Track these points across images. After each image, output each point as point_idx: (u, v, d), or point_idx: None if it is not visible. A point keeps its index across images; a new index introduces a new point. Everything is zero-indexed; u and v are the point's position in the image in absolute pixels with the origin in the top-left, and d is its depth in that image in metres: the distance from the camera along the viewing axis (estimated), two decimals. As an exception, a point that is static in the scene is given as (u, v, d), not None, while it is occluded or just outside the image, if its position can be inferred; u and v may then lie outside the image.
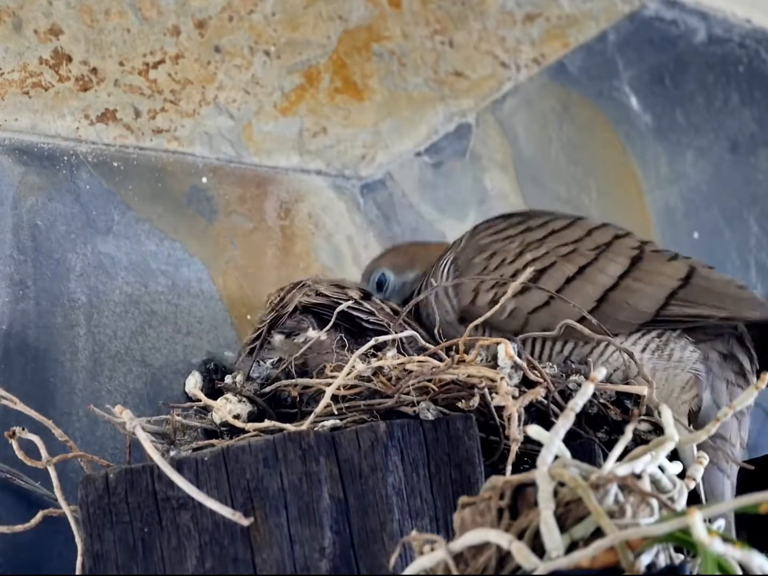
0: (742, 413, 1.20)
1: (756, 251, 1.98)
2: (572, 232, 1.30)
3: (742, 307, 1.20)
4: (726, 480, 1.17)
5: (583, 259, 1.26)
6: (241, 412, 1.16)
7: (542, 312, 1.23)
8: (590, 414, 1.17)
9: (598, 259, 1.25)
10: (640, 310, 1.21)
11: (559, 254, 1.27)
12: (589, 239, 1.28)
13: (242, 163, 1.54)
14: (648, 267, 1.24)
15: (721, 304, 1.20)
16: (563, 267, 1.25)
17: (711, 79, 1.99)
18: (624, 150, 1.89)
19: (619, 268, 1.24)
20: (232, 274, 1.50)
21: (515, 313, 1.24)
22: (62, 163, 1.40)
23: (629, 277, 1.23)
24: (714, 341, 1.22)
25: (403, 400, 1.10)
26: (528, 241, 1.29)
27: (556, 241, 1.29)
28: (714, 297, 1.21)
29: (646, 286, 1.22)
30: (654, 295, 1.21)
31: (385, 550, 1.01)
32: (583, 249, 1.27)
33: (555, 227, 1.31)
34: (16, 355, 1.30)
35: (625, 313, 1.21)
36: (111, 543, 1.03)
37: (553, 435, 0.85)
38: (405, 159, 1.68)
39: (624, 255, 1.25)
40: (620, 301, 1.22)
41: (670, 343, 1.21)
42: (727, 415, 0.97)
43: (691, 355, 1.21)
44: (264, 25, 1.56)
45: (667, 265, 1.25)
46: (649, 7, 1.92)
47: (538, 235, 1.30)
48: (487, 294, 1.26)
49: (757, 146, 2.02)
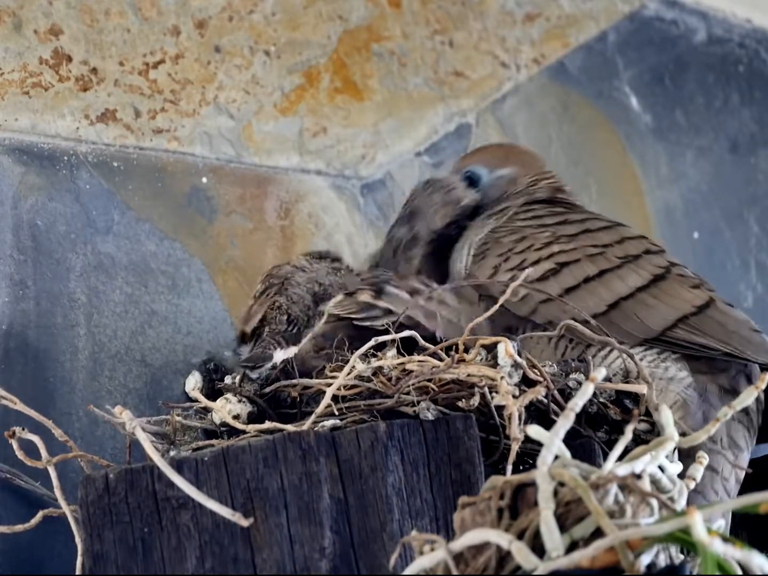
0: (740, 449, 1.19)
1: (756, 251, 1.98)
2: (606, 235, 1.30)
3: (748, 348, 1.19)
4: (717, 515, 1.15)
5: (607, 263, 1.25)
6: (240, 412, 1.16)
7: (552, 305, 1.23)
8: (590, 413, 1.17)
9: (621, 267, 1.25)
10: (647, 326, 1.21)
11: (585, 253, 1.26)
12: (619, 247, 1.28)
13: (242, 163, 1.54)
14: (668, 288, 1.24)
15: (727, 340, 1.19)
16: (585, 266, 1.25)
17: (711, 79, 1.99)
18: (624, 150, 1.89)
19: (639, 281, 1.24)
20: (232, 274, 1.50)
21: (527, 298, 1.23)
22: (62, 163, 1.40)
23: (646, 292, 1.23)
24: (717, 375, 1.21)
25: (403, 400, 1.10)
26: (560, 234, 1.29)
27: (587, 240, 1.28)
28: (723, 332, 1.20)
29: (660, 304, 1.22)
30: (664, 315, 1.21)
31: (385, 550, 1.01)
32: (611, 254, 1.26)
33: (591, 227, 1.31)
34: (16, 355, 1.30)
35: (632, 324, 1.21)
36: (111, 543, 1.03)
37: (553, 435, 0.85)
38: (405, 159, 1.68)
39: (648, 270, 1.25)
40: (630, 311, 1.22)
41: (667, 361, 1.21)
42: (727, 415, 0.97)
43: (684, 379, 1.20)
44: (264, 25, 1.56)
45: (687, 290, 1.24)
46: (649, 7, 1.92)
47: (572, 231, 1.30)
48: (505, 274, 1.26)
49: (757, 146, 2.02)
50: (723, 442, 1.18)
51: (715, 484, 1.17)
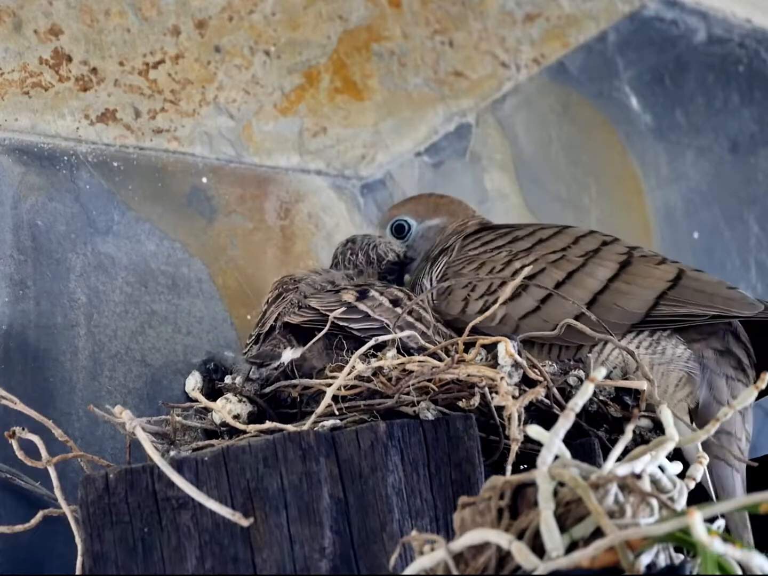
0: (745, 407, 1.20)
1: (756, 251, 1.98)
2: (559, 240, 1.31)
3: (732, 306, 1.21)
4: (736, 474, 1.18)
5: (572, 264, 1.27)
6: (241, 412, 1.16)
7: (533, 317, 1.24)
8: (590, 412, 1.18)
9: (586, 265, 1.26)
10: (631, 311, 1.22)
11: (547, 261, 1.28)
12: (577, 247, 1.30)
13: (242, 163, 1.54)
14: (637, 270, 1.25)
15: (711, 303, 1.21)
16: (552, 273, 1.26)
17: (711, 79, 1.99)
18: (624, 150, 1.89)
19: (608, 271, 1.25)
20: (232, 274, 1.50)
21: (506, 319, 1.24)
22: (62, 163, 1.40)
23: (618, 280, 1.24)
24: (708, 339, 1.23)
25: (403, 400, 1.10)
26: (516, 251, 1.31)
27: (543, 249, 1.30)
28: (704, 297, 1.22)
29: (635, 288, 1.23)
30: (643, 297, 1.22)
31: (385, 550, 1.01)
32: (571, 256, 1.28)
33: (542, 236, 1.32)
34: (16, 355, 1.30)
35: (616, 314, 1.21)
36: (111, 543, 1.03)
37: (553, 435, 0.85)
38: (405, 159, 1.68)
39: (612, 260, 1.27)
40: (610, 303, 1.23)
41: (661, 341, 1.22)
42: (728, 415, 0.97)
43: (682, 354, 1.22)
44: (264, 25, 1.56)
45: (655, 268, 1.26)
46: (649, 7, 1.92)
47: (526, 245, 1.31)
48: (477, 303, 1.27)
49: (757, 146, 2.02)
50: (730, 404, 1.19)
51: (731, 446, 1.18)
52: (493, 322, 1.23)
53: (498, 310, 1.22)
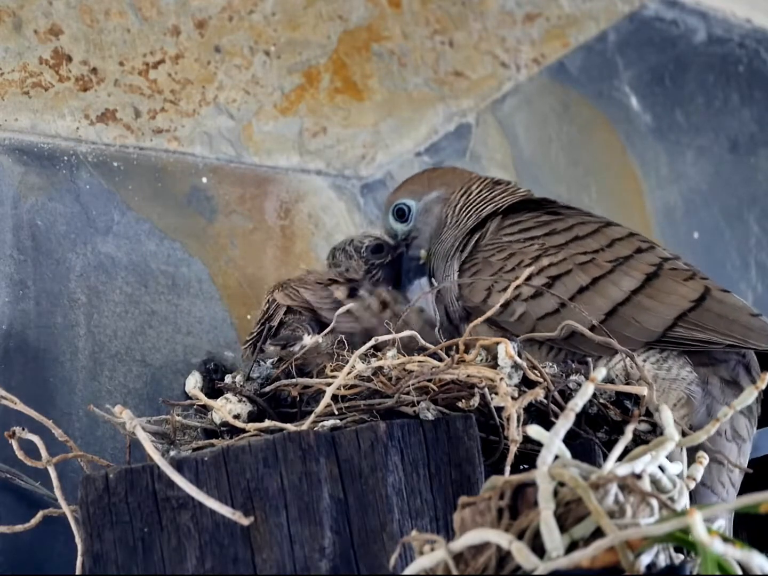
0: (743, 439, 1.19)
1: (756, 251, 1.98)
2: (595, 240, 1.29)
3: (750, 337, 1.18)
4: None
5: (599, 270, 1.24)
6: (241, 411, 1.16)
7: (551, 319, 1.22)
8: (590, 414, 1.17)
9: (613, 272, 1.24)
10: (648, 329, 1.20)
11: (576, 262, 1.25)
12: (609, 250, 1.27)
13: (242, 163, 1.54)
14: (662, 285, 1.23)
15: (729, 332, 1.18)
16: (577, 276, 1.24)
17: (711, 79, 1.99)
18: (624, 150, 1.89)
19: (633, 283, 1.23)
20: (232, 274, 1.50)
21: (524, 317, 1.23)
22: (62, 163, 1.40)
23: (641, 294, 1.22)
24: (717, 366, 1.21)
25: (403, 400, 1.10)
26: (548, 245, 1.28)
27: (576, 248, 1.27)
28: (723, 323, 1.19)
29: (657, 305, 1.21)
30: (663, 315, 1.20)
31: (385, 550, 1.01)
32: (601, 260, 1.25)
33: (579, 233, 1.30)
34: (16, 355, 1.30)
35: (633, 329, 1.20)
36: (111, 543, 1.03)
37: (553, 435, 0.85)
38: (405, 159, 1.68)
39: (640, 270, 1.24)
40: (629, 317, 1.20)
41: (669, 359, 1.20)
42: (727, 416, 0.97)
43: (687, 376, 1.20)
44: (264, 25, 1.56)
45: (681, 285, 1.23)
46: (649, 7, 1.92)
47: (560, 240, 1.29)
48: (499, 295, 1.25)
49: (757, 146, 2.02)
50: (727, 435, 1.18)
51: (721, 476, 1.17)
52: (511, 317, 1.22)
53: (517, 307, 1.21)
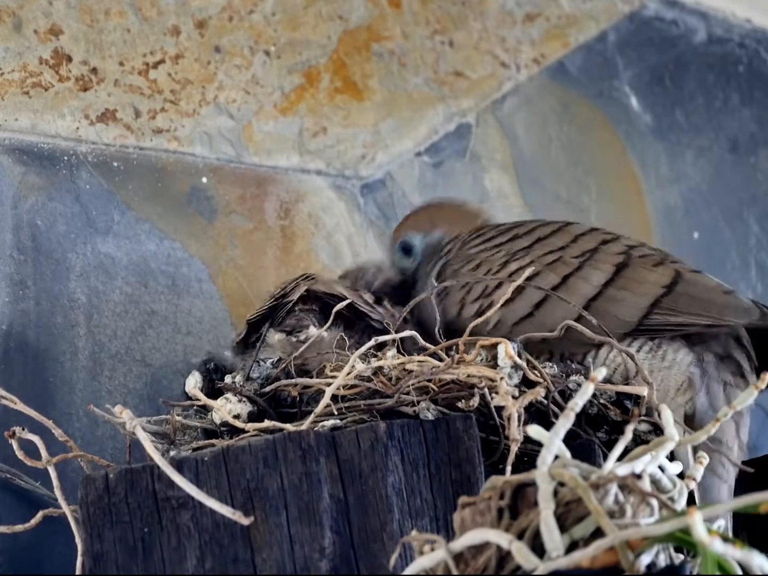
0: (740, 414, 1.19)
1: (756, 251, 1.98)
2: (559, 238, 1.28)
3: (726, 314, 1.18)
4: (723, 485, 1.16)
5: (567, 267, 1.24)
6: (241, 412, 1.16)
7: (526, 323, 1.22)
8: (590, 414, 1.17)
9: (581, 268, 1.24)
10: (623, 320, 1.20)
11: (543, 263, 1.25)
12: (575, 246, 1.27)
13: (242, 163, 1.54)
14: (632, 274, 1.22)
15: (705, 312, 1.18)
16: (547, 276, 1.24)
17: (711, 79, 1.99)
18: (624, 150, 1.89)
19: (603, 276, 1.22)
20: (232, 274, 1.50)
21: (499, 324, 1.23)
22: (62, 163, 1.40)
23: (613, 286, 1.22)
24: (709, 343, 1.21)
25: (403, 400, 1.10)
26: (514, 250, 1.28)
27: (542, 249, 1.27)
28: (698, 304, 1.19)
29: (629, 295, 1.21)
30: (637, 304, 1.20)
31: (385, 550, 1.01)
32: (568, 257, 1.25)
33: (542, 234, 1.30)
34: (16, 355, 1.30)
35: (608, 322, 1.19)
36: (111, 543, 1.03)
37: (553, 435, 0.85)
38: (405, 159, 1.68)
39: (608, 262, 1.24)
40: (603, 310, 1.20)
41: (663, 345, 1.20)
42: (728, 416, 0.97)
43: (684, 358, 1.20)
44: (264, 25, 1.56)
45: (651, 271, 1.22)
46: (649, 7, 1.92)
47: (525, 243, 1.29)
48: (473, 305, 1.25)
49: (757, 146, 2.02)
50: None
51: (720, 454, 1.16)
52: (487, 327, 1.22)
53: (492, 315, 1.21)
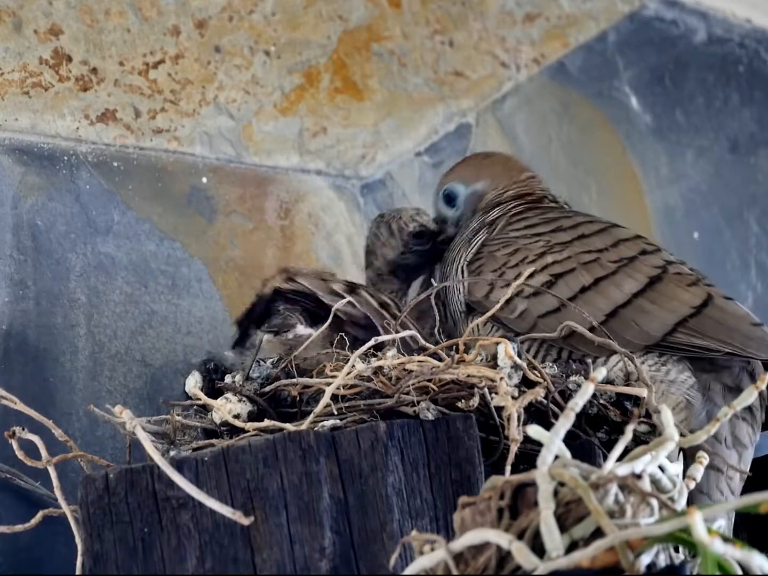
0: (744, 446, 1.19)
1: (756, 251, 1.98)
2: (600, 239, 1.28)
3: (750, 346, 1.18)
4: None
5: (602, 270, 1.24)
6: (241, 411, 1.16)
7: (552, 318, 1.21)
8: (590, 414, 1.17)
9: (616, 273, 1.23)
10: (647, 333, 1.20)
11: (580, 261, 1.25)
12: (614, 251, 1.26)
13: (242, 163, 1.54)
14: (664, 289, 1.22)
15: (728, 340, 1.18)
16: (580, 276, 1.23)
17: (711, 79, 1.99)
18: (624, 150, 1.89)
19: (636, 285, 1.22)
20: (232, 274, 1.50)
21: (525, 314, 1.22)
22: (62, 163, 1.40)
23: (643, 297, 1.21)
24: (720, 373, 1.21)
25: (403, 400, 1.10)
26: (553, 243, 1.27)
27: (580, 247, 1.26)
28: (724, 331, 1.19)
29: (658, 309, 1.20)
30: (664, 320, 1.20)
31: (385, 550, 1.01)
32: (605, 260, 1.25)
33: (585, 231, 1.29)
34: (16, 355, 1.30)
35: (632, 332, 1.19)
36: (111, 543, 1.03)
37: (553, 435, 0.85)
38: (405, 159, 1.69)
39: (643, 273, 1.23)
40: (629, 319, 1.20)
41: (668, 363, 1.20)
42: (727, 416, 0.97)
43: (686, 380, 1.20)
44: (264, 25, 1.56)
45: (684, 290, 1.22)
46: (649, 7, 1.92)
47: (566, 238, 1.28)
48: (502, 291, 1.24)
49: (757, 146, 2.02)
50: (727, 441, 1.18)
51: (720, 483, 1.16)
52: (512, 314, 1.22)
53: (519, 304, 1.21)
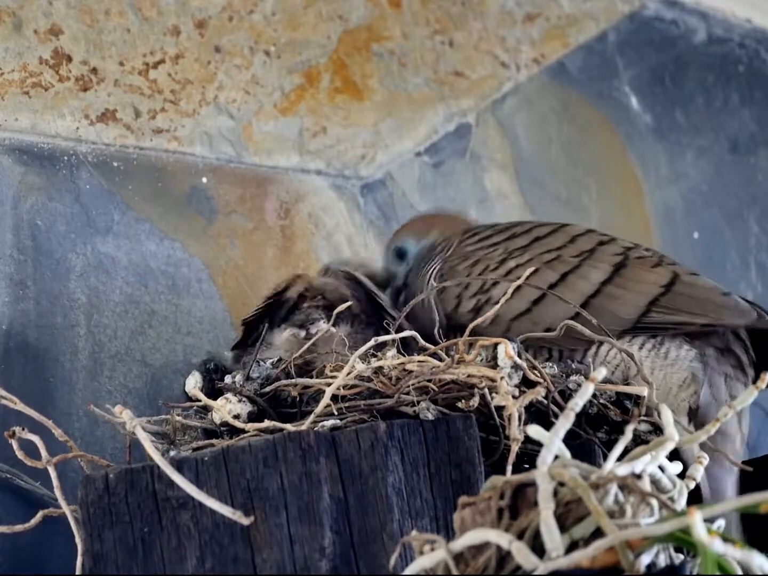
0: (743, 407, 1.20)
1: (756, 251, 1.98)
2: (556, 238, 1.30)
3: (724, 314, 1.20)
4: (728, 475, 1.17)
5: (566, 266, 1.25)
6: (241, 412, 1.16)
7: (524, 319, 1.23)
8: (590, 414, 1.17)
9: (580, 266, 1.25)
10: (621, 317, 1.21)
11: (542, 261, 1.26)
12: (573, 246, 1.28)
13: (242, 163, 1.54)
14: (630, 274, 1.24)
15: (702, 312, 1.20)
16: (546, 274, 1.25)
17: (711, 79, 1.99)
18: (624, 150, 1.89)
19: (601, 274, 1.24)
20: (232, 274, 1.50)
21: (497, 320, 1.23)
22: (62, 163, 1.40)
23: (611, 284, 1.23)
24: (710, 337, 1.22)
25: (403, 400, 1.10)
26: (511, 249, 1.29)
27: (539, 248, 1.28)
28: (696, 304, 1.21)
29: (627, 293, 1.22)
30: (635, 303, 1.21)
31: (385, 550, 1.01)
32: (566, 256, 1.27)
33: (539, 234, 1.31)
34: (16, 355, 1.30)
35: (606, 319, 1.20)
36: (111, 543, 1.03)
37: (553, 435, 0.85)
38: (405, 159, 1.68)
39: (607, 261, 1.25)
40: (601, 308, 1.21)
41: (665, 342, 1.21)
42: (728, 416, 0.97)
43: (687, 354, 1.21)
44: (264, 25, 1.56)
45: (650, 272, 1.24)
46: (649, 7, 1.92)
47: (523, 242, 1.30)
48: (470, 301, 1.26)
49: (757, 146, 2.02)
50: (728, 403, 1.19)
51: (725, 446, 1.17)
52: (484, 323, 1.23)
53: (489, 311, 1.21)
